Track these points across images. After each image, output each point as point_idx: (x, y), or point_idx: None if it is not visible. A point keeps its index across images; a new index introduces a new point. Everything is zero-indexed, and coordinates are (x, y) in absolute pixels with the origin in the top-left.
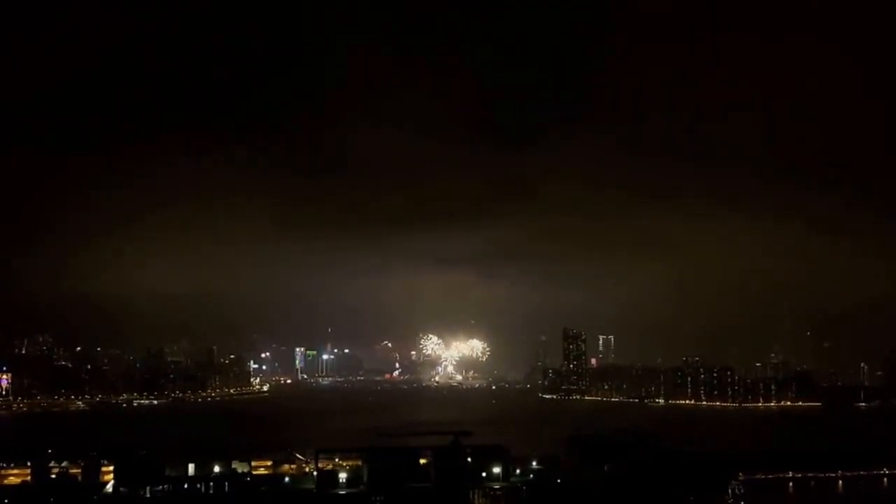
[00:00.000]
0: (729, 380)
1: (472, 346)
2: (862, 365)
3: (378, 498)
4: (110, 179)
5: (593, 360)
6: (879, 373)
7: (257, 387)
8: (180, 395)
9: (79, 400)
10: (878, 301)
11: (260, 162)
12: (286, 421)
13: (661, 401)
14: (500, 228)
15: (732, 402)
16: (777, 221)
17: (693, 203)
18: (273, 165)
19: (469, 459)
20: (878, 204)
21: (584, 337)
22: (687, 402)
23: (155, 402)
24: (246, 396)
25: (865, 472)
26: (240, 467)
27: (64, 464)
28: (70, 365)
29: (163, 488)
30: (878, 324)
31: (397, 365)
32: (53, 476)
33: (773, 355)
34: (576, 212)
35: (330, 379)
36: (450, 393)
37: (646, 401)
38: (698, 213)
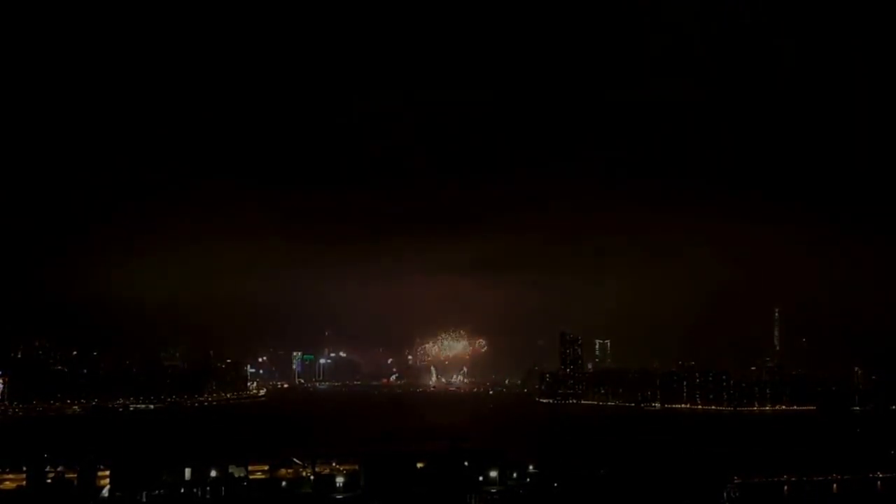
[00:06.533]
0: (724, 384)
1: (470, 351)
2: (856, 369)
3: (375, 503)
4: (108, 185)
5: (590, 365)
6: (874, 377)
7: (254, 391)
8: (177, 399)
9: (75, 404)
10: (875, 305)
11: (260, 167)
12: (283, 424)
13: (657, 405)
14: (499, 234)
15: (728, 406)
16: (773, 227)
17: (690, 209)
18: (273, 171)
19: (466, 464)
20: (876, 210)
21: (580, 341)
22: (683, 406)
23: (151, 406)
24: (243, 401)
25: (860, 476)
26: (236, 472)
27: (60, 468)
28: (66, 369)
29: (159, 493)
30: (874, 328)
31: (394, 370)
32: (49, 481)
33: (767, 359)
34: (574, 218)
35: (327, 383)
36: (447, 397)
37: (642, 405)
38: (695, 219)
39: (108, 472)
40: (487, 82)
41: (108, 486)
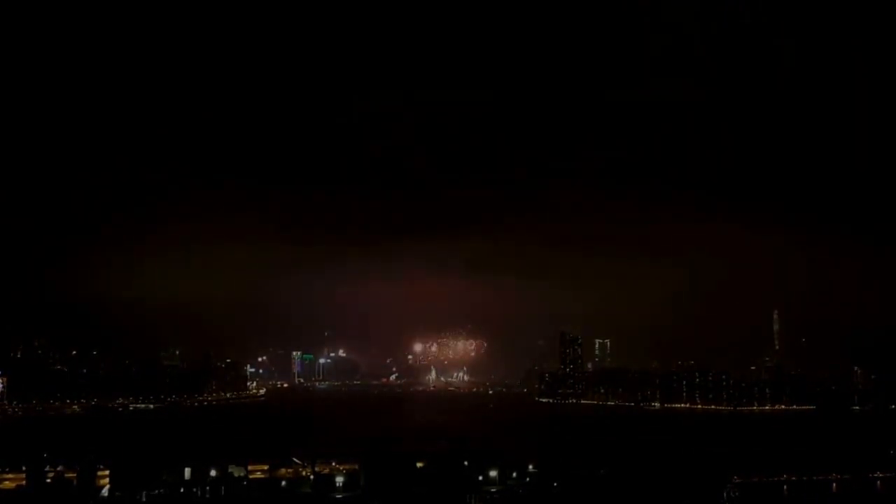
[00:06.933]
0: (724, 384)
1: (469, 351)
2: (856, 369)
3: (375, 503)
4: (108, 185)
5: (589, 364)
6: (874, 376)
7: (254, 391)
8: (177, 399)
9: (74, 404)
10: (874, 305)
11: (260, 167)
12: (283, 424)
13: (657, 404)
14: (499, 234)
15: (727, 406)
16: (773, 227)
17: (690, 209)
18: (273, 171)
19: (466, 464)
20: (876, 210)
21: (580, 341)
22: (682, 405)
23: (151, 406)
24: (243, 400)
25: (860, 476)
26: (236, 471)
27: (59, 468)
28: (66, 369)
29: (158, 492)
30: (874, 328)
31: (394, 369)
32: (49, 480)
33: (767, 359)
34: (574, 218)
35: (327, 383)
36: (446, 397)
37: (641, 404)
38: (695, 219)
39: (107, 472)
40: (487, 82)
41: (107, 486)
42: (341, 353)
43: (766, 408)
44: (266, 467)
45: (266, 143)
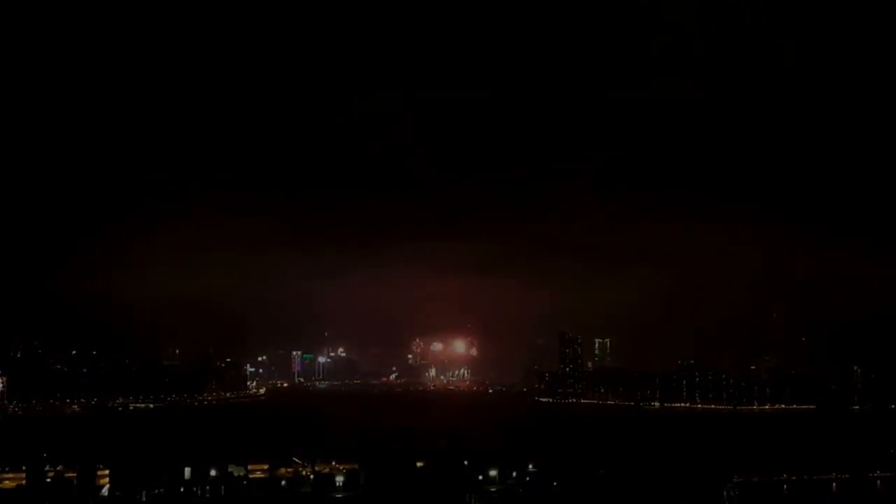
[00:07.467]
0: (723, 383)
1: (469, 350)
2: (855, 368)
3: (375, 502)
4: (108, 185)
5: (589, 364)
6: (873, 376)
7: (254, 390)
8: (177, 398)
9: (74, 404)
10: (874, 304)
11: (259, 167)
12: (283, 423)
13: (657, 404)
14: (498, 234)
15: (727, 406)
16: (773, 226)
17: (690, 209)
18: (272, 171)
19: (466, 463)
20: (875, 210)
21: (580, 341)
22: (682, 405)
23: (151, 405)
24: (242, 400)
25: (860, 475)
26: (236, 471)
27: (59, 467)
28: (66, 369)
29: (159, 492)
30: (873, 327)
31: (394, 368)
32: (49, 480)
33: (767, 359)
34: (574, 218)
35: (327, 382)
36: (446, 396)
37: (641, 404)
38: (695, 219)
39: (108, 472)
40: (487, 82)
41: (107, 486)
42: (341, 352)
43: (766, 407)
44: (266, 467)
45: (265, 142)
